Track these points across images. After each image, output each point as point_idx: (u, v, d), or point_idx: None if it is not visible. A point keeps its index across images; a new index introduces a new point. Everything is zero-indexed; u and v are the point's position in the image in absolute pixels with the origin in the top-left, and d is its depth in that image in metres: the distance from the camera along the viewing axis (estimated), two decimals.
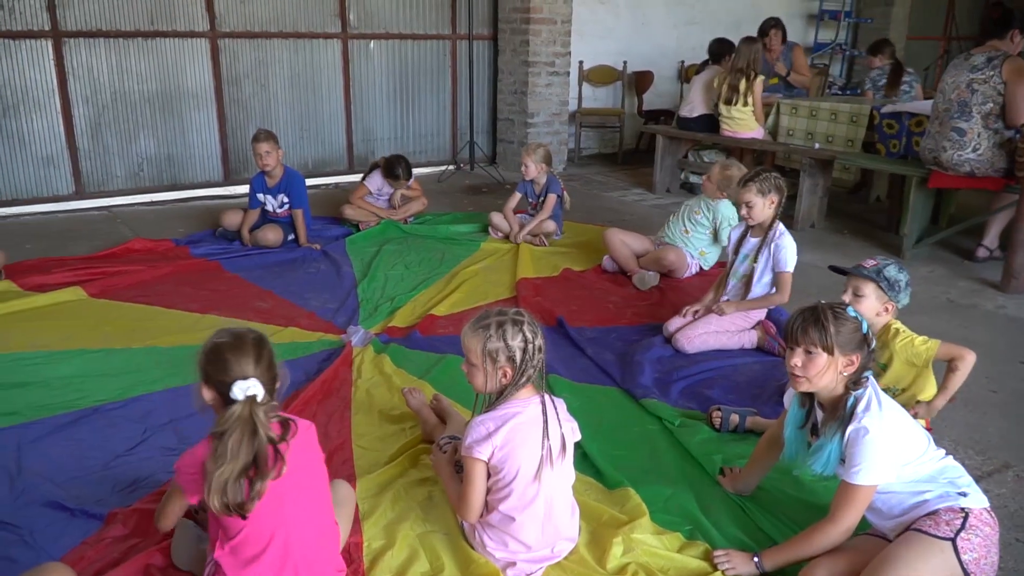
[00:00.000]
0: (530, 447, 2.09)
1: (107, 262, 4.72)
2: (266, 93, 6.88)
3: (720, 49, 6.93)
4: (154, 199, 6.47)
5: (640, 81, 8.87)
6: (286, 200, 5.11)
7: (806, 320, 2.09)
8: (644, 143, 9.05)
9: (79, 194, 6.23)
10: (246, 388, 1.74)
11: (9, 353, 3.46)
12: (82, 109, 6.11)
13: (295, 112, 7.04)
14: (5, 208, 5.93)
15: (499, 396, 2.14)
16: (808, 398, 2.22)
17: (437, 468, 2.46)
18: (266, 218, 5.17)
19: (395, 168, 5.56)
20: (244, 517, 1.75)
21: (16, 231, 5.44)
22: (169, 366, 3.39)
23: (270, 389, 1.80)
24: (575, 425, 2.23)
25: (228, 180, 6.83)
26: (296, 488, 1.85)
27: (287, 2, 6.78)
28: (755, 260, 3.66)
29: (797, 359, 2.09)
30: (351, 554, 2.18)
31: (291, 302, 4.22)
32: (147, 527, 2.25)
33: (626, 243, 4.71)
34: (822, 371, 2.06)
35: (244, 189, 6.55)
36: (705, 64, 7.27)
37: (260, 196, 5.12)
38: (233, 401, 1.74)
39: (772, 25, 7.16)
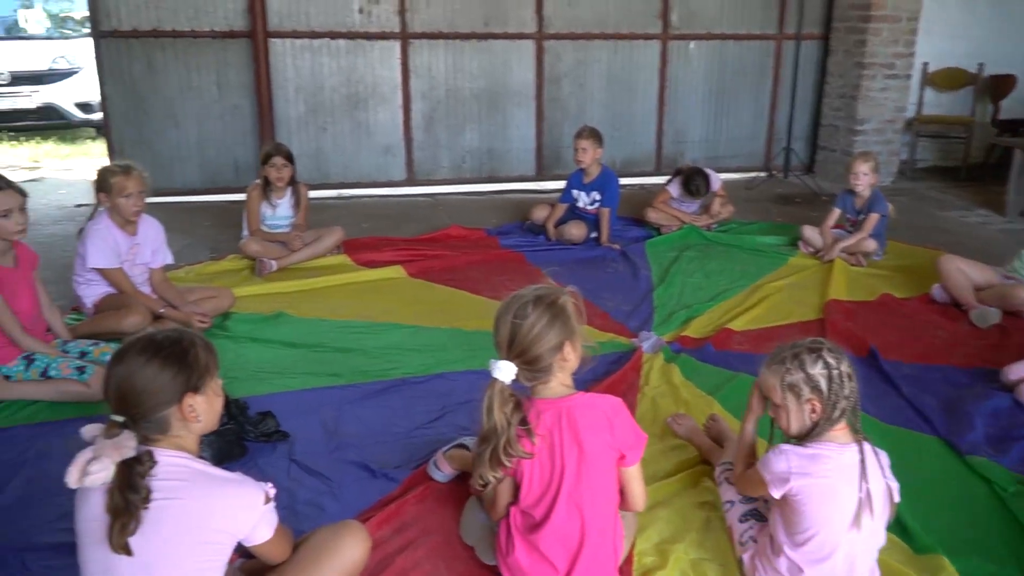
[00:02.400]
0: (838, 499, 1.87)
1: (427, 245, 5.13)
2: (583, 92, 7.05)
3: None
4: (472, 189, 6.93)
5: (999, 86, 7.76)
6: (598, 198, 5.19)
7: None
8: (996, 157, 7.91)
9: (410, 181, 6.86)
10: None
11: (340, 320, 3.88)
12: (419, 104, 6.70)
13: (609, 111, 7.13)
14: (349, 190, 6.69)
15: (809, 434, 1.95)
16: None
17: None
18: (574, 213, 5.29)
19: (691, 183, 5.42)
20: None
21: (355, 211, 6.12)
22: (470, 349, 3.57)
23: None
24: (898, 486, 1.96)
25: (540, 175, 7.12)
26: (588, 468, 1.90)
27: (611, 4, 6.88)
28: None
29: None
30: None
31: (586, 299, 4.24)
32: (436, 496, 2.42)
33: (965, 272, 4.12)
34: None
35: (554, 185, 6.80)
36: None
37: (574, 192, 5.25)
38: None
39: None
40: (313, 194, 5.19)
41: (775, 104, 7.56)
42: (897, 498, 1.96)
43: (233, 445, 2.64)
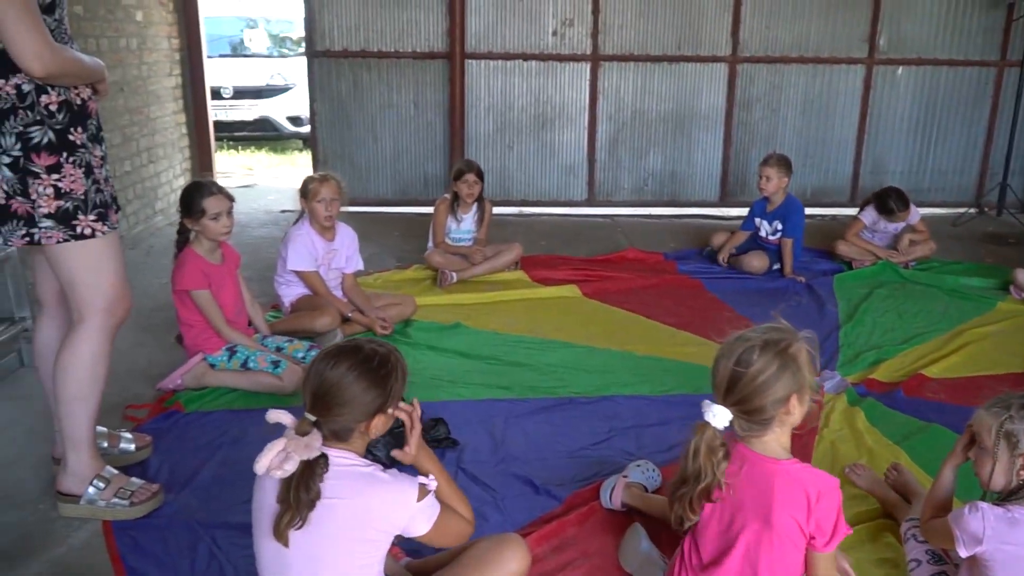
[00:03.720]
0: None
1: (603, 266, 5.12)
2: (775, 117, 6.80)
3: None
4: (652, 212, 6.85)
5: None
6: (780, 227, 4.98)
7: None
8: None
9: (590, 201, 6.89)
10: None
11: (513, 334, 3.96)
12: (605, 125, 6.73)
13: (802, 138, 6.84)
14: (530, 208, 6.82)
15: (1013, 493, 1.76)
16: None
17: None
18: (756, 243, 5.11)
19: (887, 201, 5.06)
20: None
21: (535, 228, 6.22)
22: (640, 373, 3.53)
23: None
24: None
25: (723, 201, 6.93)
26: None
27: (813, 28, 6.60)
28: None
29: None
30: None
31: None
32: (598, 519, 2.39)
33: None
34: None
35: (738, 212, 6.59)
36: None
37: (756, 220, 5.08)
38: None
39: None
40: (495, 210, 5.34)
41: (991, 135, 6.94)
42: None
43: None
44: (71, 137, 2.18)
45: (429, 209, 5.16)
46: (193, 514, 2.43)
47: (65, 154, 2.16)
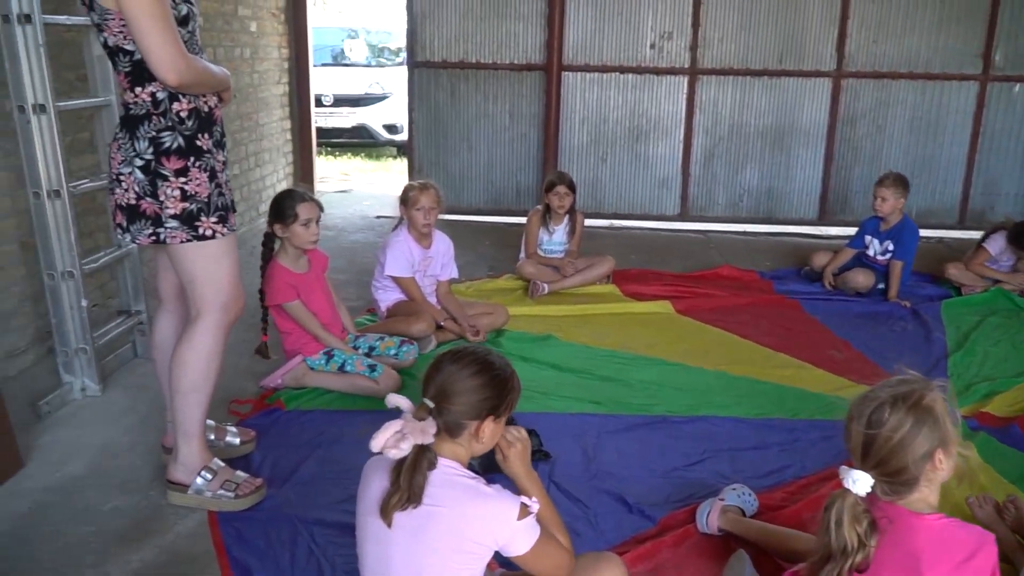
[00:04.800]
0: None
1: (696, 283, 5.04)
2: (880, 135, 6.58)
3: None
4: (747, 229, 6.72)
5: None
6: (891, 248, 4.80)
7: None
8: None
9: (683, 216, 6.80)
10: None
11: (605, 348, 3.93)
12: (701, 139, 6.64)
13: (908, 156, 6.59)
14: (622, 220, 6.78)
15: None
16: None
17: None
18: (860, 261, 4.94)
19: (1022, 235, 4.80)
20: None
21: (627, 242, 6.18)
22: (735, 394, 3.46)
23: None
24: None
25: (823, 220, 6.74)
26: None
27: (923, 43, 6.37)
28: None
29: None
30: None
31: (868, 358, 3.95)
32: (694, 544, 2.35)
33: None
34: None
35: (837, 231, 6.42)
36: None
37: (867, 238, 4.91)
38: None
39: None
40: (586, 222, 5.32)
41: None
42: None
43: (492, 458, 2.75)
44: (198, 142, 2.28)
45: (521, 219, 5.19)
46: (293, 509, 2.50)
47: (192, 158, 2.27)
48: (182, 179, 2.25)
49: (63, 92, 3.37)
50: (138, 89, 2.21)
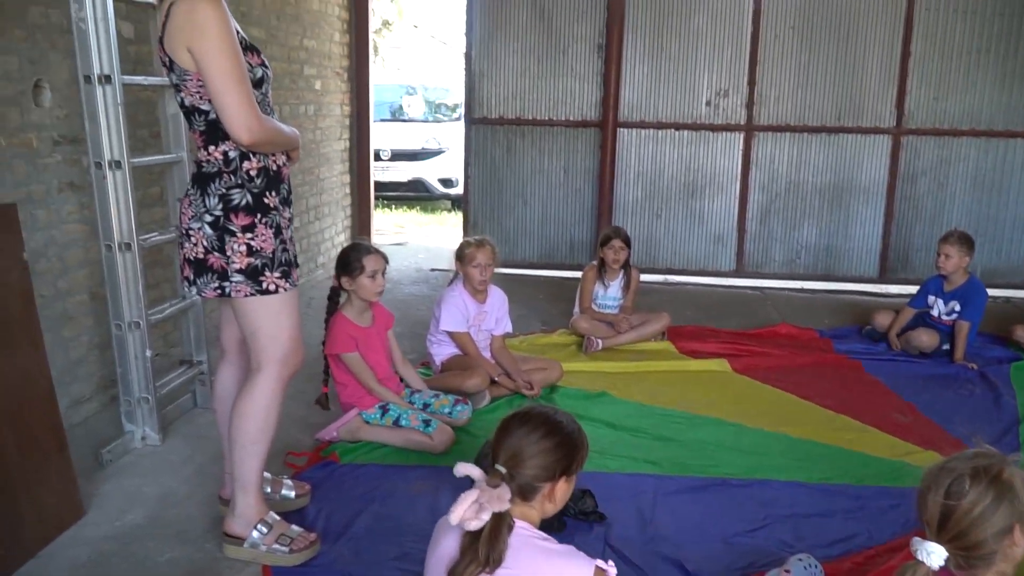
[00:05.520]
0: None
1: (753, 341, 4.95)
2: (942, 192, 6.46)
3: None
4: (805, 286, 6.61)
5: None
6: (957, 308, 4.66)
7: None
8: None
9: (738, 272, 6.73)
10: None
11: (660, 407, 3.87)
12: (757, 195, 6.59)
13: (971, 214, 6.44)
14: (677, 275, 6.73)
15: None
16: None
17: None
18: (924, 321, 4.80)
19: None
20: None
21: (681, 297, 6.12)
22: (796, 457, 3.37)
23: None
24: None
25: (883, 278, 6.60)
26: None
27: (985, 100, 6.28)
28: None
29: None
30: None
31: (934, 422, 3.81)
32: None
33: None
34: None
35: (898, 289, 6.28)
36: None
37: (931, 298, 4.78)
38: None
39: None
40: (641, 277, 5.29)
41: None
42: None
43: (553, 518, 2.70)
44: (266, 200, 2.35)
45: (574, 273, 5.19)
46: (347, 566, 2.49)
47: (259, 215, 2.33)
48: (249, 235, 2.31)
49: (137, 148, 3.51)
50: (211, 148, 2.29)
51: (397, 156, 11.04)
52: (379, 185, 10.03)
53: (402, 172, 11.01)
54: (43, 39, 3.21)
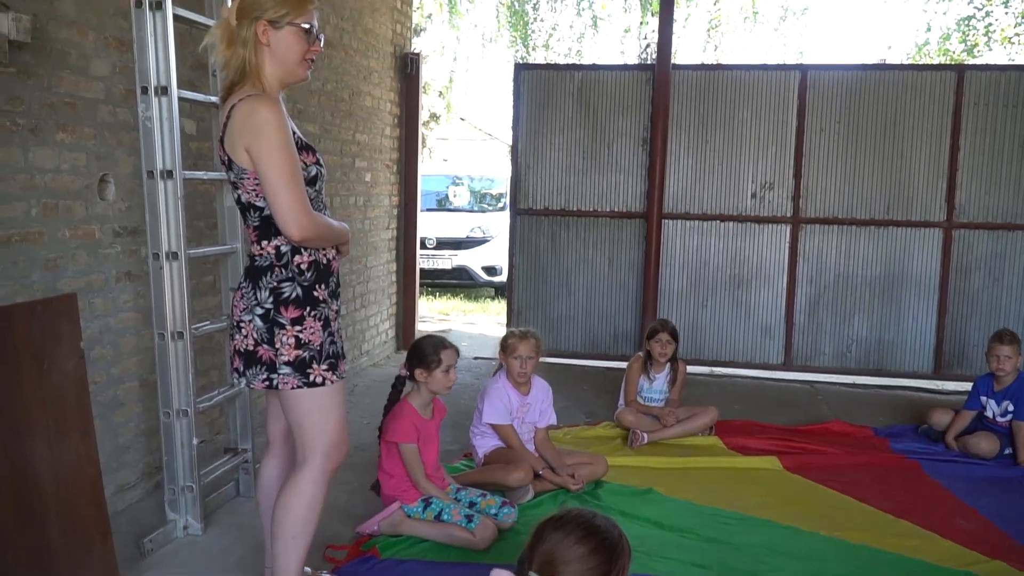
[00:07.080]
0: None
1: (805, 437, 4.80)
2: (998, 286, 6.30)
3: None
4: (857, 381, 6.44)
5: None
6: (1011, 408, 4.50)
7: None
8: None
9: (787, 365, 6.59)
10: None
11: (709, 506, 3.74)
12: (805, 288, 6.51)
13: None
14: (724, 368, 6.62)
15: None
16: None
17: None
18: (982, 423, 4.62)
19: None
20: None
21: (729, 391, 6.00)
22: (854, 564, 3.20)
23: None
24: None
25: (938, 374, 6.40)
26: None
27: None
28: None
29: None
30: None
31: (1000, 528, 3.62)
32: None
33: None
34: None
35: (954, 386, 6.09)
36: None
37: (983, 399, 4.62)
38: None
39: None
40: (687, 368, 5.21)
41: None
42: None
43: None
44: (315, 293, 2.38)
45: (618, 364, 5.13)
46: None
47: (308, 308, 2.36)
48: (297, 327, 2.34)
49: (194, 239, 3.62)
50: (264, 243, 2.35)
51: (442, 244, 11.24)
52: (424, 272, 10.20)
53: (447, 260, 11.18)
54: (111, 136, 3.36)
